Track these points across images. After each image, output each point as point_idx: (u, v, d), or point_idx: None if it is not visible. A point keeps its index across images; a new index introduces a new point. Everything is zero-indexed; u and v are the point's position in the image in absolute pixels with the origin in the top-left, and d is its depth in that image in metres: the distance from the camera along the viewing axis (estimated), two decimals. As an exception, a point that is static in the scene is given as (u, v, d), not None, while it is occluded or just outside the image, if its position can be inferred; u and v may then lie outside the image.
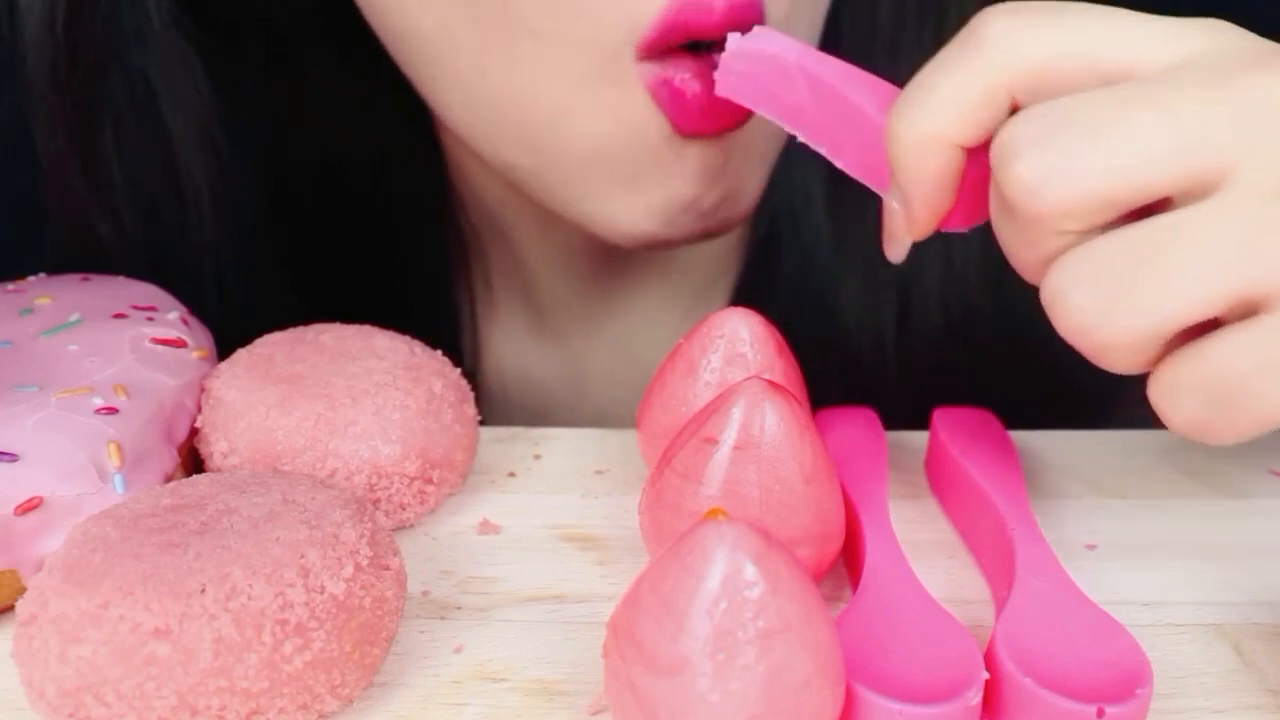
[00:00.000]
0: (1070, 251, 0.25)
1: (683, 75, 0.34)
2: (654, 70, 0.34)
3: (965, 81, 0.26)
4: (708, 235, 0.39)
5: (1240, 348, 0.23)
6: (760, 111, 0.32)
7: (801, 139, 0.32)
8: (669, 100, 0.34)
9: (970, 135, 0.27)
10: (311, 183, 0.49)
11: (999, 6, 0.26)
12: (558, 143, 0.36)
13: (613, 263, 0.48)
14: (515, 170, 0.39)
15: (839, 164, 0.31)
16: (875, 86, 0.30)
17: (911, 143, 0.27)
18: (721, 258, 0.50)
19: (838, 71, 0.31)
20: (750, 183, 0.39)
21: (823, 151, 0.31)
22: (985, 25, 0.26)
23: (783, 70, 0.31)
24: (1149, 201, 0.24)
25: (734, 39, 0.32)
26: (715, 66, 0.33)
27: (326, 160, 0.49)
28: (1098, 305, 0.24)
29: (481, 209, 0.49)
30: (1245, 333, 0.23)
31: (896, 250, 0.30)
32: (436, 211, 0.49)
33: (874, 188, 0.31)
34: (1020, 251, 0.26)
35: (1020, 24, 0.26)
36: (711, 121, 0.35)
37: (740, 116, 0.35)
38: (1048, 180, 0.24)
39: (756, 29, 0.32)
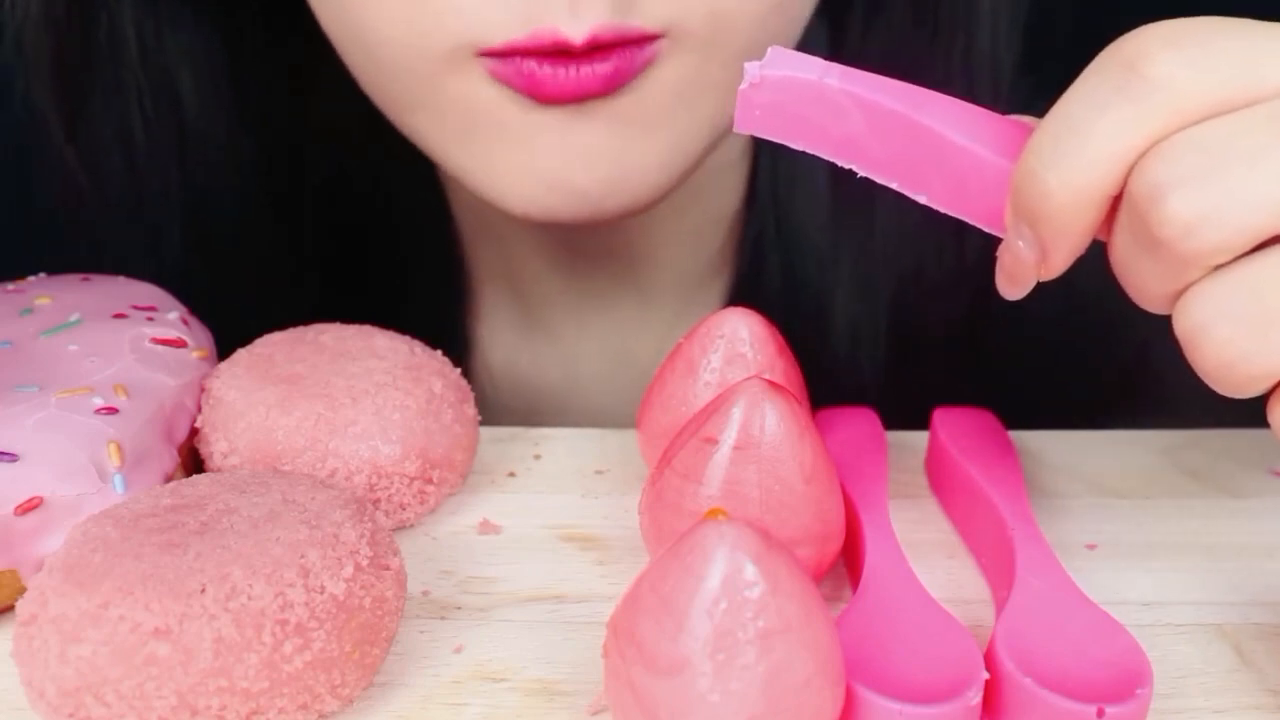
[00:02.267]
0: (1209, 283, 0.23)
1: (530, 65, 0.34)
2: (498, 60, 0.34)
3: (1132, 130, 0.23)
4: (603, 220, 0.38)
5: None
6: (798, 146, 0.28)
7: (861, 173, 0.27)
8: (518, 80, 0.34)
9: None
10: (314, 182, 0.49)
11: (1157, 34, 0.23)
12: (421, 127, 0.38)
13: (597, 258, 0.48)
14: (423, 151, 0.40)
15: (920, 199, 0.27)
16: (949, 107, 0.26)
17: (1068, 201, 0.24)
18: (714, 257, 0.49)
19: (897, 94, 0.27)
20: (646, 171, 0.37)
21: (894, 186, 0.27)
22: (1149, 63, 0.23)
23: (823, 97, 0.27)
24: None
25: (752, 68, 0.27)
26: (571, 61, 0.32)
27: (329, 159, 0.49)
28: (1245, 340, 0.22)
29: (468, 205, 0.49)
30: None
31: (1019, 291, 0.27)
32: (437, 208, 0.49)
33: (978, 224, 0.27)
34: (1151, 286, 0.24)
35: (1188, 59, 0.23)
36: (571, 87, 0.33)
37: (610, 84, 0.34)
38: (1206, 220, 0.22)
39: (772, 50, 0.27)
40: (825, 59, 0.28)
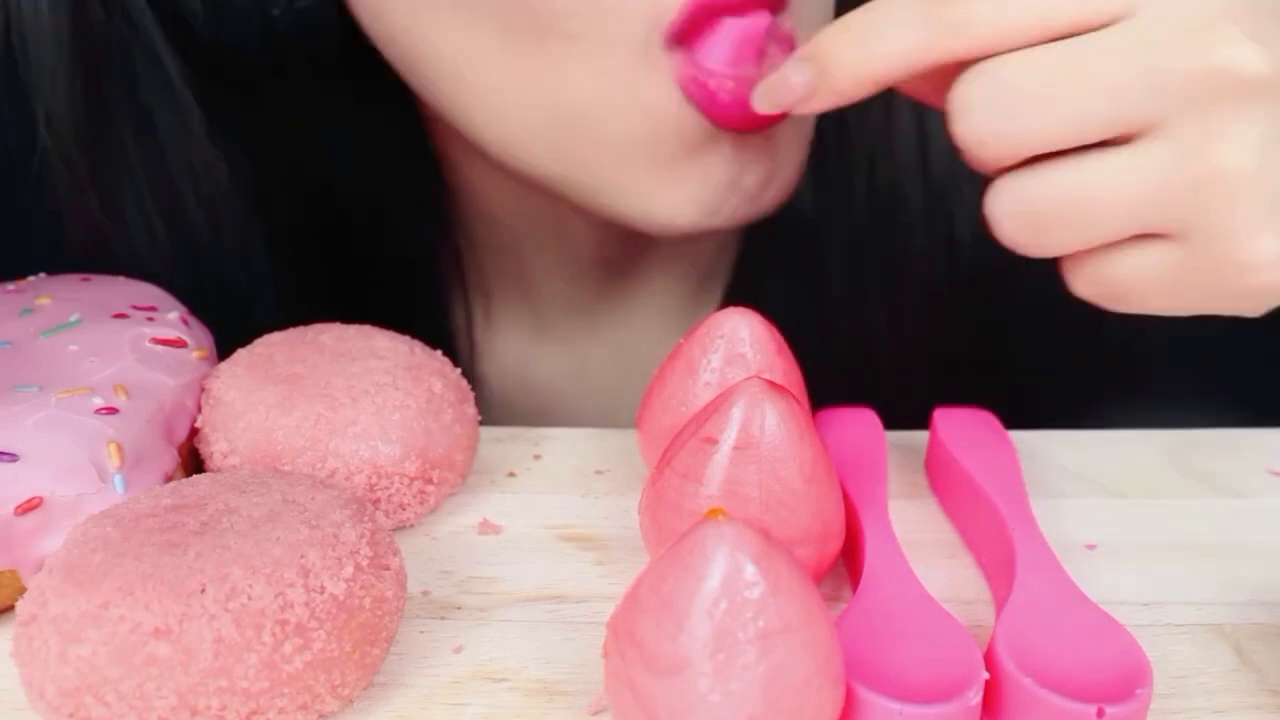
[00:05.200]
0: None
1: (717, 77, 0.34)
2: (686, 61, 0.34)
3: (919, 49, 0.28)
4: (750, 219, 0.38)
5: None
6: None
7: None
8: (703, 99, 0.34)
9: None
10: (313, 193, 0.49)
11: None
12: (589, 142, 0.36)
13: (618, 268, 0.48)
14: (548, 177, 0.38)
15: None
16: None
17: (849, 81, 0.30)
18: (719, 257, 0.50)
19: None
20: (792, 162, 0.38)
21: None
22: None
23: None
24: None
25: None
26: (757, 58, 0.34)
27: (327, 171, 0.49)
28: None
29: (485, 218, 0.49)
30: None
31: (766, 107, 0.32)
32: (435, 224, 0.49)
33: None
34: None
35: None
36: (750, 119, 0.34)
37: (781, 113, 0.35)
38: (983, 145, 0.28)
39: None
40: None
